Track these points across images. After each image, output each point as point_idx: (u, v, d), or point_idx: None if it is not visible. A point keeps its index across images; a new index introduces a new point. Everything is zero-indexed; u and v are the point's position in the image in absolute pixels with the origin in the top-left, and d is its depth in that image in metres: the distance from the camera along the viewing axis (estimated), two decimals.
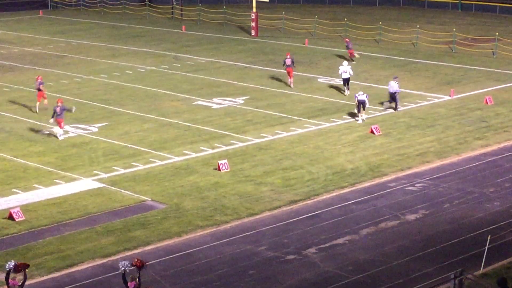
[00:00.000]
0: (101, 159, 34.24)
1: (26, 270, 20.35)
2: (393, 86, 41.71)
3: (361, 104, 39.72)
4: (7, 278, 20.08)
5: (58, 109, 37.25)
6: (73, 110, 38.93)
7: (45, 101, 41.95)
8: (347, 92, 45.30)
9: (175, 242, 26.05)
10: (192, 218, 27.84)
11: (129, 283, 19.76)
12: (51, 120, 37.51)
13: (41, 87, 41.96)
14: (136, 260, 20.04)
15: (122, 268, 19.80)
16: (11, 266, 20.01)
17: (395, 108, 41.70)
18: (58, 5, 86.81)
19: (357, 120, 39.79)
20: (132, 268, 19.83)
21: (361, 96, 39.70)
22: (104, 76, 51.10)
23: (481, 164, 33.49)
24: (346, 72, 44.97)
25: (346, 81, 45.27)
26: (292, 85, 46.95)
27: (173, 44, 62.19)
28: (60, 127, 37.40)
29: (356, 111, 40.08)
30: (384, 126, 38.43)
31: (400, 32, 63.63)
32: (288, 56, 47.29)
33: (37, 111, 41.68)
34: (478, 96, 44.42)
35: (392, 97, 41.84)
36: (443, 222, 27.43)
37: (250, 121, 40.01)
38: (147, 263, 20.30)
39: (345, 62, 46.26)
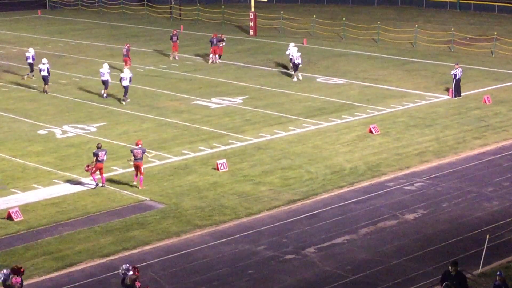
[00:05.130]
0: None
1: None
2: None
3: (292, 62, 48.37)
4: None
5: (216, 41, 54.04)
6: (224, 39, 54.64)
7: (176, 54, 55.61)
8: (300, 76, 48.92)
9: (174, 242, 26.06)
10: (190, 217, 27.85)
11: (136, 283, 19.90)
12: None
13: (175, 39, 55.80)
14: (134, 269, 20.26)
15: (122, 272, 19.95)
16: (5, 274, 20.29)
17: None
18: (57, 5, 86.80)
19: (293, 79, 48.21)
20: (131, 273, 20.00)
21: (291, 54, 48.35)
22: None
23: (480, 164, 33.50)
24: (298, 58, 48.82)
25: (296, 66, 49.03)
26: (176, 57, 56.14)
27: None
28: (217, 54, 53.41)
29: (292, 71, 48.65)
30: (382, 126, 38.45)
31: (398, 32, 63.66)
32: (175, 33, 56.16)
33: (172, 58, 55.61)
34: (477, 96, 44.44)
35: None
36: (441, 221, 27.45)
37: (248, 120, 40.02)
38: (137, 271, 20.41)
39: (292, 44, 50.31)
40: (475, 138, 36.71)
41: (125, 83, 43.53)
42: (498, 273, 20.50)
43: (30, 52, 49.94)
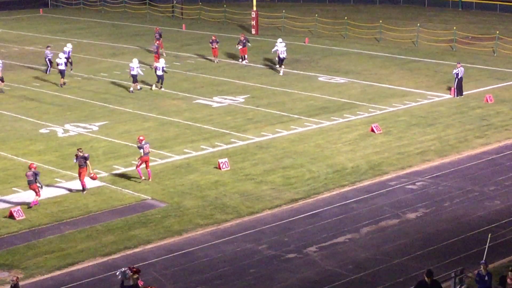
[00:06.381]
0: (102, 158, 34.26)
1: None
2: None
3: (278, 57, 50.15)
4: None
5: (242, 38, 53.89)
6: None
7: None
8: (281, 71, 50.27)
9: (175, 241, 26.07)
10: (192, 216, 27.86)
11: (139, 282, 19.98)
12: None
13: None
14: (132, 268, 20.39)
15: (120, 277, 20.04)
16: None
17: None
18: (59, 3, 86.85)
19: (279, 72, 50.10)
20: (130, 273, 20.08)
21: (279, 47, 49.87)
22: (105, 74, 51.13)
23: (482, 163, 33.49)
24: (282, 53, 50.14)
25: (281, 60, 50.40)
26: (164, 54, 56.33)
27: (174, 43, 62.21)
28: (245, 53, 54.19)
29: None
30: (384, 125, 38.43)
31: (400, 31, 63.62)
32: (158, 31, 57.61)
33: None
34: (479, 95, 44.41)
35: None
36: (443, 220, 27.44)
37: (250, 119, 40.02)
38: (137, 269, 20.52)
39: (279, 39, 51.21)
40: (477, 137, 36.69)
41: (159, 72, 46.18)
42: (482, 261, 20.65)
43: (68, 47, 51.84)
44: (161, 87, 46.48)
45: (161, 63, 46.82)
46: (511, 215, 27.66)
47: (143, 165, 31.09)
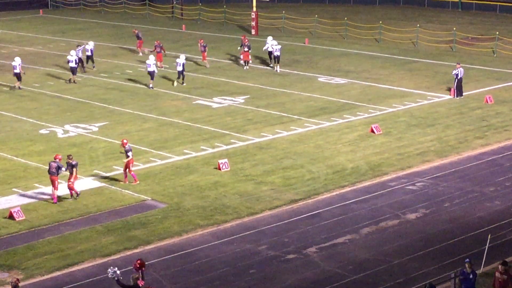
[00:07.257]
0: (101, 159, 34.27)
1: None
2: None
3: (271, 55, 51.71)
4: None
5: (246, 41, 52.25)
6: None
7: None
8: (277, 68, 51.37)
9: (175, 242, 26.07)
10: (192, 217, 27.86)
11: (138, 282, 19.96)
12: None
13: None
14: (137, 262, 20.32)
15: (112, 275, 19.95)
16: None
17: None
18: (59, 4, 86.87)
19: (272, 68, 51.62)
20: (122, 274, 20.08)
21: (270, 47, 51.41)
22: (105, 75, 51.11)
23: (482, 163, 33.49)
24: (277, 51, 51.24)
25: (276, 58, 51.44)
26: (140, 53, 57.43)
27: (173, 43, 62.21)
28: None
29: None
30: (384, 125, 38.44)
31: (400, 31, 63.64)
32: (136, 33, 58.35)
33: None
34: (479, 95, 44.42)
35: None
36: (443, 221, 27.44)
37: (250, 120, 40.02)
38: (141, 265, 20.46)
39: (270, 37, 52.36)
40: (476, 138, 36.70)
41: (179, 68, 47.77)
42: (467, 260, 20.67)
43: (90, 45, 52.89)
44: (182, 83, 47.63)
45: (182, 58, 47.77)
46: (511, 215, 27.66)
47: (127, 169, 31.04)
